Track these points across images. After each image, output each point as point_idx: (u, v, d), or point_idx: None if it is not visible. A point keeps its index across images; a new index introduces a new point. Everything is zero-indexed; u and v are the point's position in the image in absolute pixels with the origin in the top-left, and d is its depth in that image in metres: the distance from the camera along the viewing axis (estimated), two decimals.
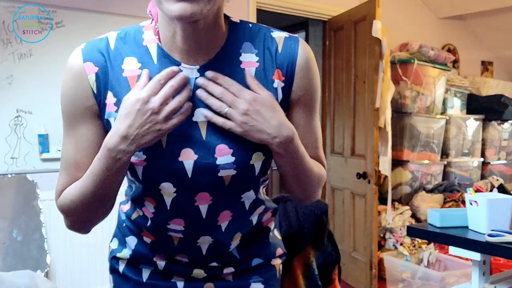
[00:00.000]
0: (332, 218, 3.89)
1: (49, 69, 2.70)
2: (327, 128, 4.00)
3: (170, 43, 0.87)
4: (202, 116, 0.86)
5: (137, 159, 0.87)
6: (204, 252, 0.97)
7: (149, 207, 0.94)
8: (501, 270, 2.23)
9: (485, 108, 4.56)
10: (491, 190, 3.77)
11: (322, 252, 1.41)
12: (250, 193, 0.95)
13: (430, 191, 3.93)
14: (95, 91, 0.87)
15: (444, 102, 4.31)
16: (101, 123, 0.89)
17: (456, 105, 4.45)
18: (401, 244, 3.61)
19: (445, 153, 4.29)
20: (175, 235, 0.95)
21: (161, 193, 0.90)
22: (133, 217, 1.00)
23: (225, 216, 0.94)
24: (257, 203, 0.98)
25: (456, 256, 2.53)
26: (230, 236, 0.97)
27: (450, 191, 3.94)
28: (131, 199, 0.98)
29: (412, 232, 1.95)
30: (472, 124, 4.47)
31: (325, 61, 4.01)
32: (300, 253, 1.36)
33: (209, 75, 0.86)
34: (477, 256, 1.68)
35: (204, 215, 0.92)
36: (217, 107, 0.84)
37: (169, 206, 0.91)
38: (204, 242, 0.96)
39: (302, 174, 0.94)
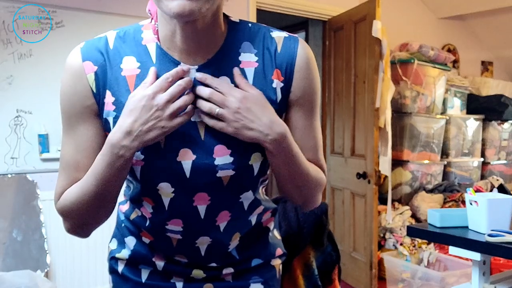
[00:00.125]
0: (332, 218, 3.88)
1: (49, 69, 2.70)
2: (327, 128, 4.00)
3: (169, 42, 0.86)
4: (201, 116, 0.85)
5: (135, 159, 0.86)
6: (203, 253, 0.97)
7: (148, 207, 0.93)
8: (501, 270, 2.23)
9: (485, 108, 4.56)
10: (491, 190, 3.77)
11: (322, 252, 1.41)
12: (249, 194, 0.94)
13: (430, 191, 3.93)
14: (95, 90, 0.87)
15: (444, 102, 4.31)
16: (101, 123, 0.89)
17: (456, 105, 4.45)
18: (401, 244, 3.61)
19: (445, 153, 4.29)
20: (174, 236, 0.95)
21: (159, 193, 0.89)
22: (132, 217, 0.99)
23: (224, 217, 0.94)
24: (256, 204, 0.97)
25: (456, 256, 2.54)
26: (229, 237, 0.97)
27: (450, 191, 3.94)
28: (130, 199, 0.98)
29: (412, 232, 1.95)
30: (472, 124, 4.47)
31: (325, 61, 4.01)
32: (300, 253, 1.36)
33: (197, 77, 0.85)
34: (477, 256, 1.68)
35: (203, 216, 0.91)
36: (208, 109, 0.83)
37: (167, 207, 0.90)
38: (203, 243, 0.96)
39: (298, 176, 0.92)
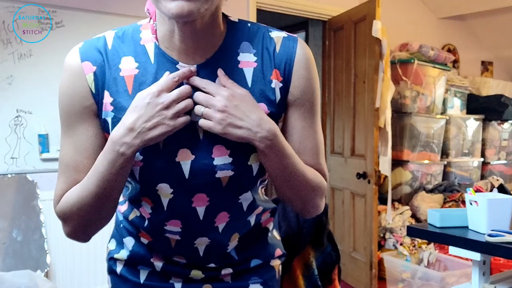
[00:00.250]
0: (332, 218, 3.88)
1: (49, 69, 2.70)
2: (327, 128, 4.00)
3: (168, 42, 0.86)
4: (199, 117, 0.84)
5: (134, 160, 0.85)
6: (202, 253, 0.96)
7: (146, 208, 0.93)
8: (501, 270, 2.23)
9: (485, 108, 4.55)
10: (491, 190, 3.77)
11: (322, 253, 1.40)
12: (248, 194, 0.93)
13: (430, 191, 3.93)
14: (94, 91, 0.86)
15: (444, 102, 4.31)
16: (100, 123, 0.88)
17: (456, 105, 4.45)
18: (401, 244, 3.61)
19: (445, 153, 4.29)
20: (172, 237, 0.94)
21: (158, 194, 0.89)
22: (131, 218, 0.99)
23: (223, 218, 0.93)
24: (255, 204, 0.97)
25: (456, 256, 2.54)
26: (228, 237, 0.96)
27: (450, 191, 3.94)
28: (128, 199, 0.97)
29: (412, 232, 1.95)
30: (472, 124, 4.47)
31: (325, 61, 4.01)
32: (300, 254, 1.36)
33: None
34: (477, 256, 1.68)
35: (201, 217, 0.91)
36: (196, 110, 0.83)
37: (166, 207, 0.90)
38: (202, 243, 0.95)
39: (293, 178, 0.89)
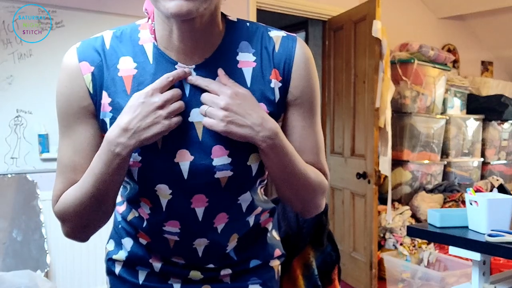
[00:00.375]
0: (332, 218, 3.88)
1: (49, 69, 2.70)
2: (327, 128, 4.00)
3: (167, 42, 0.86)
4: (198, 117, 0.85)
5: (133, 161, 0.85)
6: (201, 254, 0.96)
7: (145, 208, 0.92)
8: (501, 270, 2.23)
9: (485, 108, 4.55)
10: (491, 190, 3.77)
11: (322, 252, 1.40)
12: (247, 195, 0.93)
13: (430, 191, 3.93)
14: (91, 91, 0.86)
15: (444, 102, 4.31)
16: (98, 124, 0.87)
17: (456, 105, 4.45)
18: (401, 244, 3.61)
19: (445, 153, 4.29)
20: (171, 237, 0.94)
21: (157, 194, 0.88)
22: (129, 218, 0.98)
23: (222, 218, 0.93)
24: (254, 205, 0.96)
25: (456, 256, 2.54)
26: (227, 238, 0.96)
27: (450, 191, 3.94)
28: (127, 200, 0.97)
29: (412, 232, 1.95)
30: (472, 124, 4.47)
31: (325, 61, 4.01)
32: (300, 253, 1.36)
33: (188, 80, 0.84)
34: (477, 256, 1.68)
35: (200, 218, 0.91)
36: (200, 110, 0.83)
37: (165, 208, 0.89)
38: (200, 244, 0.95)
39: (294, 178, 0.88)
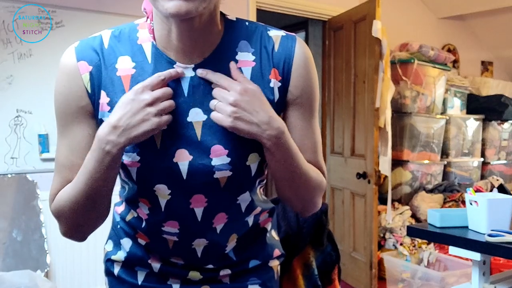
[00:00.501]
0: (332, 218, 3.88)
1: (49, 69, 2.70)
2: (327, 128, 4.00)
3: (165, 42, 0.85)
4: (197, 116, 0.85)
5: (131, 161, 0.85)
6: (200, 254, 0.96)
7: (144, 208, 0.92)
8: (501, 270, 2.23)
9: (485, 108, 4.55)
10: (491, 190, 3.77)
11: (322, 252, 1.41)
12: (246, 195, 0.93)
13: (430, 191, 3.93)
14: (89, 91, 0.85)
15: (444, 102, 4.31)
16: (96, 123, 0.87)
17: (456, 105, 4.45)
18: (401, 244, 3.61)
19: (445, 153, 4.29)
20: (170, 238, 0.94)
21: (156, 194, 0.88)
22: (128, 219, 0.98)
23: (221, 219, 0.92)
24: (254, 205, 0.96)
25: (456, 256, 2.53)
26: (226, 238, 0.96)
27: (450, 191, 3.94)
28: (125, 200, 0.96)
29: (412, 232, 1.95)
30: (472, 124, 4.47)
31: (325, 61, 4.01)
32: (300, 253, 1.36)
33: (198, 73, 0.85)
34: (477, 256, 1.68)
35: (199, 218, 0.90)
36: (210, 104, 0.83)
37: (164, 208, 0.89)
38: (199, 245, 0.94)
39: (297, 177, 0.89)
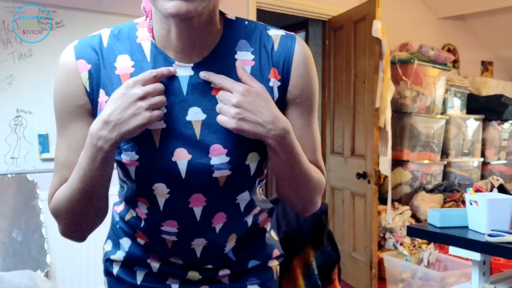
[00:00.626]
0: (332, 218, 3.88)
1: (49, 69, 2.70)
2: (327, 128, 4.00)
3: (165, 41, 0.85)
4: (196, 115, 0.84)
5: (130, 159, 0.85)
6: (199, 254, 0.96)
7: (142, 208, 0.92)
8: (501, 270, 2.23)
9: (485, 108, 4.55)
10: (491, 190, 3.77)
11: (322, 252, 1.41)
12: (245, 194, 0.92)
13: (430, 191, 3.93)
14: (88, 89, 0.86)
15: (444, 102, 4.31)
16: None
17: (456, 105, 4.45)
18: (401, 244, 3.61)
19: (445, 153, 4.29)
20: (169, 237, 0.94)
21: (154, 194, 0.88)
22: (127, 218, 0.98)
23: (220, 218, 0.92)
24: (253, 204, 0.96)
25: (456, 256, 2.53)
26: (225, 238, 0.96)
27: (450, 191, 3.94)
28: (124, 200, 0.96)
29: (412, 232, 1.95)
30: (472, 124, 4.47)
31: (325, 61, 4.01)
32: (300, 253, 1.36)
33: (201, 76, 0.84)
34: (477, 256, 1.68)
35: (198, 218, 0.90)
36: (216, 108, 0.83)
37: (162, 207, 0.89)
38: (199, 244, 0.94)
39: (299, 176, 0.89)
